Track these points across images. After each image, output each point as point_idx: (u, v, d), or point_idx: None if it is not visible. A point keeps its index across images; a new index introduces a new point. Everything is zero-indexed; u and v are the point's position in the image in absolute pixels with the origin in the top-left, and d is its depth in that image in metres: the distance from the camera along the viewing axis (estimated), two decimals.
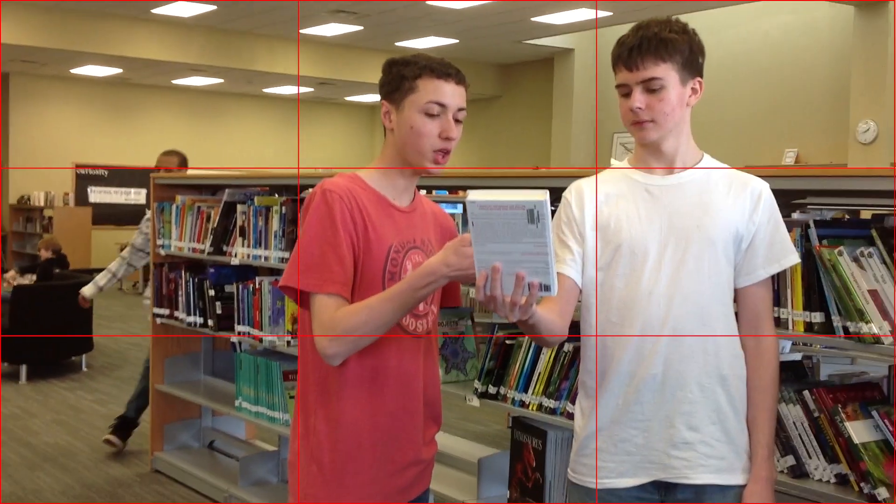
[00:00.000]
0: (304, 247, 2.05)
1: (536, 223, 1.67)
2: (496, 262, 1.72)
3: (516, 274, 1.72)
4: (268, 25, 13.11)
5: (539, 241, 1.69)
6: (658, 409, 2.04)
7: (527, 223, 1.67)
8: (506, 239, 1.70)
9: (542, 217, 1.66)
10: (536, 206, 1.66)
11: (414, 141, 2.09)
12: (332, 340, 2.00)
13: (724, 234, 2.03)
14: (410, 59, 2.12)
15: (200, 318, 4.75)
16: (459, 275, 1.90)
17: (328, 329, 2.00)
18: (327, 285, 2.02)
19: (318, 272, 2.02)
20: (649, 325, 2.01)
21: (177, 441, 5.25)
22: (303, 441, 2.17)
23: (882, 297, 2.19)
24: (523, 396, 3.06)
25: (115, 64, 14.48)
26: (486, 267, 1.74)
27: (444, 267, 1.91)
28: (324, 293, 2.02)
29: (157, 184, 5.22)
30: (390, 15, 12.03)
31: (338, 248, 2.03)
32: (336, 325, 1.99)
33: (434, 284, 1.94)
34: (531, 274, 1.72)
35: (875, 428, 2.26)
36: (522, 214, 1.67)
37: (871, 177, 2.35)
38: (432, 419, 2.28)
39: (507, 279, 1.73)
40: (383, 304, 1.98)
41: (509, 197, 1.67)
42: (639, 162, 2.13)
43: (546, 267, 1.71)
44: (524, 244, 1.70)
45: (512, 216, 1.68)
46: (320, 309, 2.02)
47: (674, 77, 2.01)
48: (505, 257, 1.72)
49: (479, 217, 1.70)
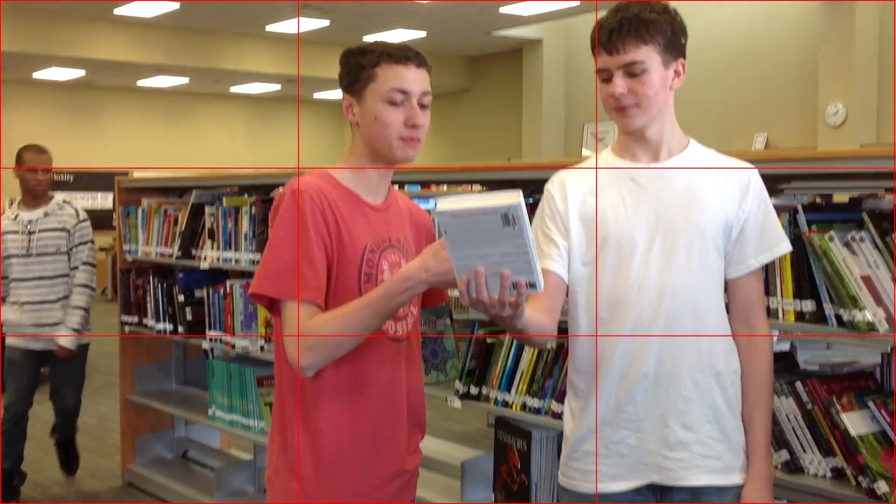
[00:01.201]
0: (274, 251, 1.94)
1: (513, 225, 1.58)
2: (477, 265, 1.63)
3: (500, 273, 1.63)
4: (233, 23, 12.94)
5: (518, 242, 1.60)
6: (651, 408, 1.95)
7: (502, 226, 1.58)
8: (483, 244, 1.61)
9: (517, 219, 1.57)
10: (511, 209, 1.56)
11: (380, 132, 1.99)
12: (305, 351, 1.89)
13: (713, 223, 1.94)
14: (367, 48, 2.02)
15: (170, 324, 4.63)
16: (439, 279, 1.80)
17: (301, 339, 1.89)
18: (301, 292, 1.91)
19: (289, 278, 1.91)
20: (640, 320, 1.93)
21: (149, 453, 5.13)
22: (281, 454, 2.06)
23: (875, 283, 2.12)
24: (506, 396, 2.98)
25: (78, 66, 14.26)
26: (467, 271, 1.65)
27: (423, 272, 1.81)
28: (295, 300, 1.91)
29: (122, 187, 5.10)
30: (358, 9, 11.90)
31: (309, 252, 1.92)
32: (310, 335, 1.89)
33: (412, 290, 1.84)
34: (515, 274, 1.63)
35: (872, 419, 2.19)
36: (497, 219, 1.58)
37: (870, 157, 2.27)
38: (416, 427, 2.18)
39: (491, 280, 1.64)
40: (359, 312, 1.88)
41: (480, 203, 1.58)
42: (623, 150, 2.04)
43: (529, 265, 1.62)
44: (502, 246, 1.61)
45: (485, 221, 1.59)
46: (291, 317, 1.92)
47: (656, 60, 1.92)
48: (485, 260, 1.63)
49: (450, 225, 1.61)
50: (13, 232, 4.72)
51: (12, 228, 4.72)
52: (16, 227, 4.71)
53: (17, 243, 4.69)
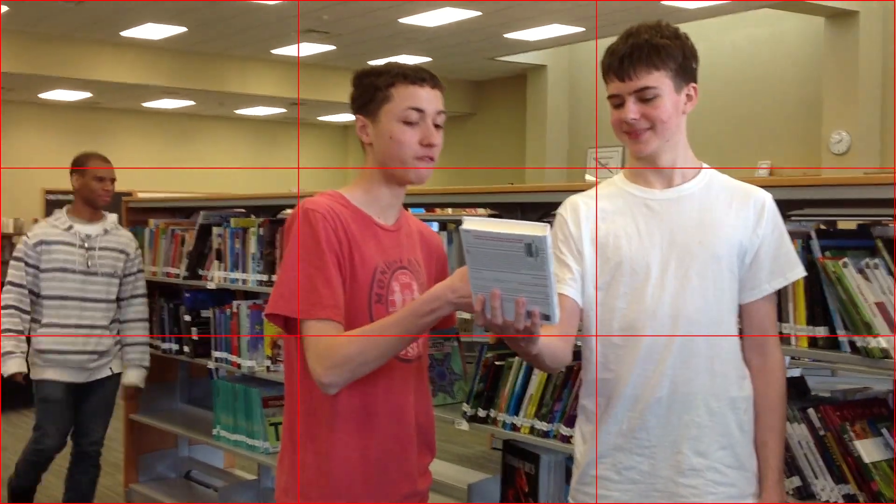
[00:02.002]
0: (289, 271, 1.94)
1: (535, 257, 1.59)
2: (494, 287, 1.64)
3: (516, 300, 1.63)
4: (239, 47, 13.00)
5: (538, 274, 1.60)
6: (664, 434, 1.94)
7: (524, 256, 1.59)
8: (503, 268, 1.62)
9: (540, 251, 1.58)
10: (535, 241, 1.57)
11: (395, 151, 1.99)
12: (329, 369, 1.88)
13: (727, 249, 1.94)
14: (381, 69, 2.03)
15: (176, 344, 4.62)
16: (466, 302, 1.79)
17: (324, 357, 1.88)
18: (317, 310, 1.90)
19: (306, 297, 1.91)
20: (654, 346, 1.92)
21: (152, 472, 5.10)
22: (290, 476, 2.05)
23: (889, 309, 2.12)
24: (514, 419, 2.96)
25: (85, 88, 14.31)
26: (483, 291, 1.65)
27: (451, 293, 1.81)
28: (315, 319, 1.90)
29: (129, 207, 5.10)
30: (362, 34, 11.96)
31: (325, 271, 1.92)
32: (333, 353, 1.88)
33: (439, 311, 1.84)
34: (530, 303, 1.63)
35: (885, 446, 2.18)
36: (520, 247, 1.58)
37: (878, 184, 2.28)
38: (426, 447, 2.17)
39: (506, 305, 1.65)
40: (385, 331, 1.88)
41: (506, 229, 1.59)
42: (636, 177, 2.04)
43: (546, 298, 1.63)
44: (522, 275, 1.61)
45: (508, 248, 1.60)
46: (314, 337, 1.91)
47: (668, 85, 1.93)
48: (502, 285, 1.63)
49: (473, 245, 1.62)
50: (65, 244, 4.24)
51: (65, 239, 4.24)
52: (70, 238, 4.25)
53: (72, 257, 4.22)
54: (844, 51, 10.70)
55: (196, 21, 11.43)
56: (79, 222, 4.32)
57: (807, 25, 11.31)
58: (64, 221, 4.30)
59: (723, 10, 10.79)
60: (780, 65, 11.70)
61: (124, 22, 11.47)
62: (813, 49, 11.29)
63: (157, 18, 11.32)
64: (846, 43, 10.68)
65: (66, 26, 11.78)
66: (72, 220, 4.32)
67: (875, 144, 10.74)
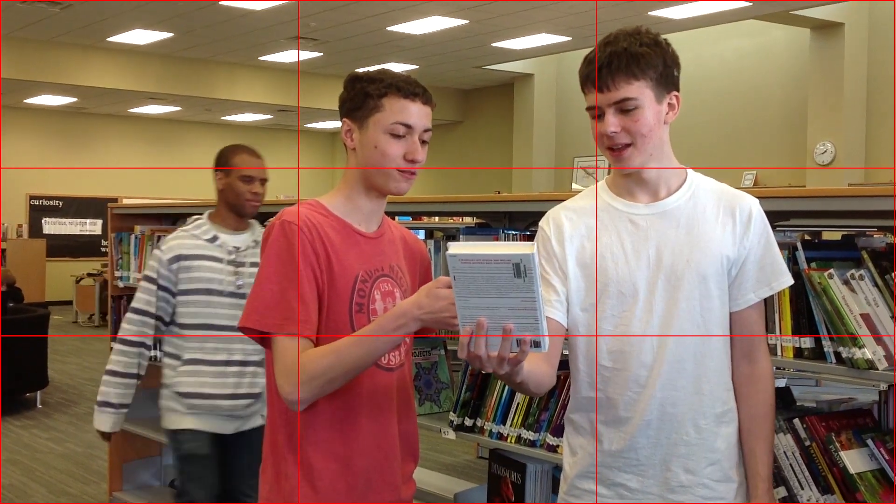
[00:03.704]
0: (264, 284, 1.92)
1: (523, 277, 1.55)
2: (481, 316, 1.61)
3: (504, 327, 1.60)
4: (226, 53, 12.99)
5: (527, 297, 1.57)
6: (653, 453, 1.91)
7: (512, 277, 1.56)
8: (491, 293, 1.59)
9: (528, 271, 1.55)
10: (523, 259, 1.54)
11: (378, 161, 1.97)
12: (294, 386, 1.86)
13: (715, 265, 1.90)
14: (375, 76, 2.00)
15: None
16: (432, 318, 1.78)
17: (291, 374, 1.86)
18: (289, 325, 1.89)
19: (279, 311, 1.89)
20: (642, 369, 1.89)
21: (136, 480, 5.05)
22: (273, 485, 2.04)
23: (875, 320, 2.12)
24: (501, 428, 2.96)
25: (71, 93, 14.29)
26: (471, 322, 1.62)
27: (416, 309, 1.80)
28: (286, 334, 1.89)
29: (114, 213, 5.07)
30: (350, 41, 11.98)
31: (299, 286, 1.91)
32: (301, 370, 1.86)
33: (405, 328, 1.83)
34: (519, 329, 1.60)
35: (870, 457, 2.18)
36: (508, 268, 1.56)
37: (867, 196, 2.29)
38: (409, 455, 2.16)
39: (493, 332, 1.61)
40: (351, 349, 1.86)
41: (493, 250, 1.57)
42: (620, 189, 1.97)
43: (536, 323, 1.59)
44: (511, 299, 1.58)
45: (496, 269, 1.57)
46: (283, 352, 1.89)
47: (648, 95, 1.85)
48: (490, 312, 1.60)
49: (460, 271, 1.59)
50: (212, 259, 3.32)
51: (209, 254, 3.32)
52: (215, 252, 3.32)
53: (220, 276, 3.30)
54: (830, 62, 10.78)
55: (183, 27, 11.42)
56: (224, 232, 3.38)
57: (793, 37, 11.39)
58: (206, 231, 3.37)
59: (709, 20, 10.85)
60: (766, 76, 11.78)
61: (111, 27, 11.45)
62: (798, 60, 11.36)
63: (144, 24, 11.30)
64: (831, 54, 10.76)
65: (53, 31, 11.75)
66: (215, 228, 3.38)
67: (860, 155, 10.82)
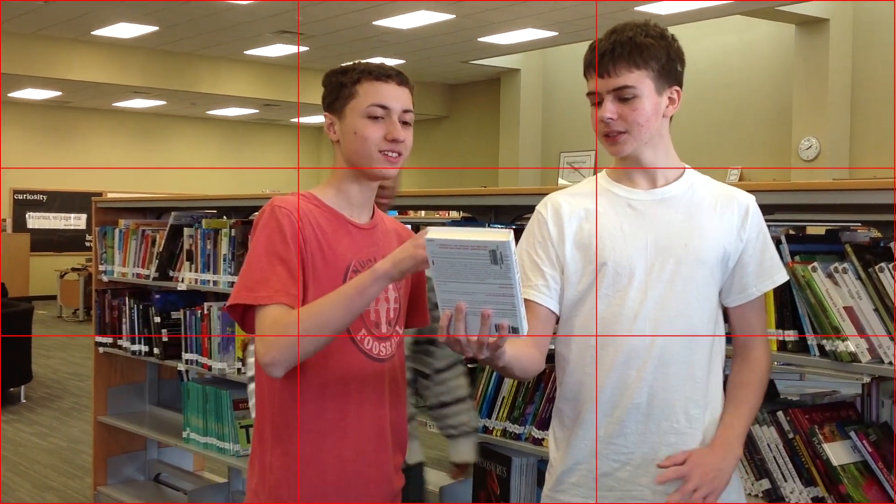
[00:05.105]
0: (253, 262, 1.92)
1: (500, 264, 1.57)
2: (460, 301, 1.62)
3: (482, 312, 1.61)
4: (211, 47, 12.94)
5: (504, 283, 1.59)
6: (642, 441, 1.90)
7: (489, 264, 1.58)
8: (469, 279, 1.60)
9: (505, 258, 1.56)
10: (500, 246, 1.56)
11: (359, 146, 1.98)
12: (269, 346, 1.84)
13: (713, 253, 1.90)
14: (348, 67, 2.03)
15: (146, 346, 4.57)
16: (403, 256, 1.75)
17: (269, 337, 1.85)
18: (278, 296, 1.88)
19: (269, 285, 1.89)
20: (634, 351, 1.87)
21: (121, 475, 5.05)
22: (260, 478, 2.04)
23: (858, 313, 2.14)
24: (486, 422, 2.96)
25: (54, 87, 14.19)
26: (451, 306, 1.63)
27: (387, 263, 1.78)
28: (271, 304, 1.88)
29: (98, 207, 5.05)
30: (336, 36, 11.95)
31: (288, 263, 1.91)
32: (276, 332, 1.85)
33: (379, 282, 1.80)
34: (498, 315, 1.61)
35: (853, 449, 2.20)
36: (485, 255, 1.57)
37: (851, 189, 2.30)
38: (398, 447, 2.16)
39: (471, 319, 1.63)
40: (324, 302, 1.84)
41: (470, 236, 1.58)
42: (619, 175, 1.98)
43: (513, 309, 1.61)
44: (488, 285, 1.60)
45: (473, 256, 1.58)
46: (262, 319, 1.88)
47: (648, 85, 1.87)
48: (469, 297, 1.62)
49: (438, 255, 1.61)
50: None
51: None
52: None
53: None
54: (814, 58, 10.82)
55: (168, 21, 11.37)
56: None
57: (777, 33, 11.43)
58: None
59: (695, 15, 10.87)
60: (751, 71, 11.82)
61: (95, 21, 11.38)
62: (783, 56, 11.41)
63: (128, 17, 11.24)
64: (816, 50, 10.80)
65: (37, 25, 11.67)
66: None
67: (844, 150, 10.88)
